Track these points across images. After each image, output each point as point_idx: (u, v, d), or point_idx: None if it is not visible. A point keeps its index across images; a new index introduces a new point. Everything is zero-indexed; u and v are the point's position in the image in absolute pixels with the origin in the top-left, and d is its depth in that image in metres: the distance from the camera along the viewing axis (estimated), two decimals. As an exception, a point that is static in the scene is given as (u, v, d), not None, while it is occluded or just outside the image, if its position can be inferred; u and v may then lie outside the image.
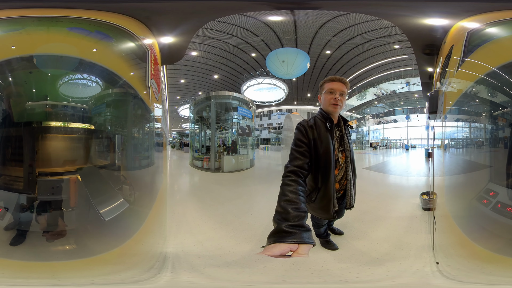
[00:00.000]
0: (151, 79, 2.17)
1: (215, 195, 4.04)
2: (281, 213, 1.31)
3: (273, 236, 1.23)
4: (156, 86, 2.29)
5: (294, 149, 1.67)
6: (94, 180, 1.80)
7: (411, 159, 7.07)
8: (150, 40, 2.30)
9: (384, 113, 6.98)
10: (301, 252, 1.15)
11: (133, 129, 2.19)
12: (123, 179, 1.97)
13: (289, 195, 1.38)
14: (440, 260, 1.91)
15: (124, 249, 1.86)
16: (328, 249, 2.18)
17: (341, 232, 2.49)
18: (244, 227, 2.71)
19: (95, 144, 1.90)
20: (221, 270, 1.92)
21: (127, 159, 2.07)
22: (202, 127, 6.66)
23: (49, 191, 1.67)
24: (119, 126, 2.02)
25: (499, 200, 1.67)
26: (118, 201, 1.84)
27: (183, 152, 7.63)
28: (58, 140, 1.77)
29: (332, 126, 1.83)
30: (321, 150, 1.75)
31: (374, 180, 5.45)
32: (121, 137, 1.97)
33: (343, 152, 1.92)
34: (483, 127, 1.90)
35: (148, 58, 2.19)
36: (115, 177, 1.94)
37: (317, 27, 5.36)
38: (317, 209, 1.87)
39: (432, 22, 2.33)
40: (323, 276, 1.81)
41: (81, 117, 1.82)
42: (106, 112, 1.94)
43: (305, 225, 1.26)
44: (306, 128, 1.75)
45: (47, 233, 1.67)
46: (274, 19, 4.76)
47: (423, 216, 2.96)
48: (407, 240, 2.33)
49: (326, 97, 1.86)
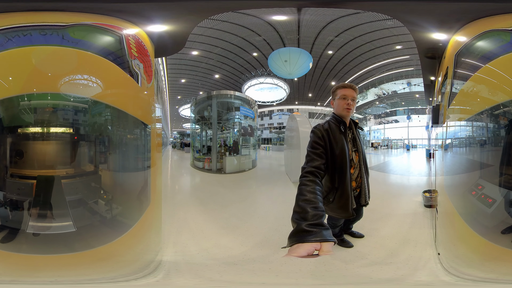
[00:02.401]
0: (133, 59, 1.97)
1: (218, 198, 4.00)
2: (299, 213, 1.31)
3: (294, 236, 1.21)
4: (144, 67, 2.09)
5: (311, 151, 1.75)
6: (48, 190, 1.71)
7: (412, 159, 7.10)
8: (134, 30, 2.14)
9: (385, 113, 7.00)
10: (326, 250, 1.14)
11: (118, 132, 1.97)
12: (102, 192, 1.83)
13: (307, 194, 1.40)
14: (441, 251, 2.10)
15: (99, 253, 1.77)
16: (344, 247, 2.30)
17: (361, 235, 2.51)
18: (252, 232, 2.68)
19: (74, 149, 1.77)
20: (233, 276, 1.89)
21: (112, 166, 1.90)
22: (203, 127, 6.60)
23: (15, 192, 1.69)
24: (100, 129, 1.87)
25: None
26: (56, 222, 1.68)
27: (184, 153, 7.56)
28: (36, 144, 1.76)
29: (345, 129, 1.97)
30: (337, 151, 1.86)
31: (376, 180, 5.47)
32: (105, 141, 1.84)
33: (356, 152, 2.06)
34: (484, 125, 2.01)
35: (124, 41, 1.95)
36: (92, 188, 1.79)
37: (320, 27, 5.33)
38: (336, 208, 1.94)
39: (435, 36, 2.42)
40: (342, 272, 1.89)
41: (61, 121, 1.74)
42: (85, 115, 1.81)
43: (325, 224, 1.26)
44: (321, 131, 1.85)
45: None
46: (277, 18, 4.71)
47: (425, 212, 3.11)
48: (412, 234, 2.51)
49: (339, 103, 1.99)
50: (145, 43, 2.29)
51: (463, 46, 2.12)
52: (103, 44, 1.92)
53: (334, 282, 1.85)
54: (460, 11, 2.14)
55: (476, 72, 1.88)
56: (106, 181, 1.86)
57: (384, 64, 6.50)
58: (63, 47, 1.76)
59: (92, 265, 1.74)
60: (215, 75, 6.58)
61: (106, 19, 2.08)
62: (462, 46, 2.13)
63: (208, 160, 6.01)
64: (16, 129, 1.71)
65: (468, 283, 1.78)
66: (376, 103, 7.01)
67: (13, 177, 1.69)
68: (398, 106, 6.94)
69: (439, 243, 2.25)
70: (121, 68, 1.87)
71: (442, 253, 2.09)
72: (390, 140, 7.27)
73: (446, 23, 2.25)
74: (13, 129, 1.71)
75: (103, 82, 1.79)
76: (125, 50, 1.98)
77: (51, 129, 1.72)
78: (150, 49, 2.34)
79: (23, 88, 1.64)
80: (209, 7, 2.38)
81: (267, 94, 7.32)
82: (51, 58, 1.74)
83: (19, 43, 1.72)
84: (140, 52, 2.14)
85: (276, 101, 7.54)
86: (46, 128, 1.71)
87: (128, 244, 1.88)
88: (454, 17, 2.16)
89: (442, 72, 2.59)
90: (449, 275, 1.85)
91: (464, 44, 2.12)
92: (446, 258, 1.99)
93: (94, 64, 1.80)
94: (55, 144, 1.75)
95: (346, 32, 5.52)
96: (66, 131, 1.74)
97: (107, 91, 1.79)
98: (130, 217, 1.92)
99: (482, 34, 2.00)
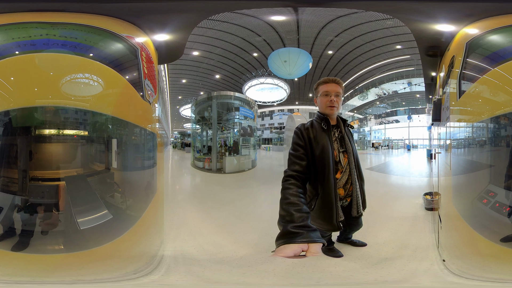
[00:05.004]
0: (145, 79, 2.09)
1: (217, 197, 4.03)
2: (284, 216, 1.31)
3: (281, 238, 1.22)
4: (152, 87, 2.22)
5: (292, 153, 1.65)
6: (78, 188, 1.80)
7: (412, 160, 7.06)
8: (143, 38, 2.21)
9: (386, 113, 6.97)
10: (313, 251, 1.15)
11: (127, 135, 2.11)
12: (115, 187, 1.98)
13: (290, 198, 1.39)
14: (445, 257, 1.94)
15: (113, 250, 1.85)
16: (332, 256, 2.06)
17: (363, 244, 2.26)
18: (247, 230, 2.70)
19: (88, 151, 1.89)
20: (224, 272, 1.91)
21: (121, 165, 2.04)
22: (203, 127, 6.64)
23: (40, 195, 1.71)
24: (113, 133, 1.97)
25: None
26: (98, 213, 1.82)
27: (185, 153, 7.61)
28: (51, 146, 1.79)
29: (328, 126, 1.77)
30: (317, 151, 1.67)
31: (376, 181, 5.45)
32: (116, 143, 1.94)
33: (345, 153, 1.81)
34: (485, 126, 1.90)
35: (139, 57, 2.09)
36: (108, 184, 1.95)
37: (319, 27, 5.33)
38: (316, 218, 1.68)
39: (440, 27, 2.31)
40: (330, 279, 1.80)
41: (75, 123, 1.81)
42: (99, 119, 1.90)
43: (311, 225, 1.26)
44: (302, 131, 1.71)
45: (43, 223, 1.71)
46: (276, 18, 4.73)
47: (426, 215, 3.02)
48: (412, 239, 2.37)
49: (322, 100, 1.81)
50: (151, 53, 2.36)
51: (478, 35, 1.96)
52: (120, 58, 2.04)
53: (327, 283, 1.76)
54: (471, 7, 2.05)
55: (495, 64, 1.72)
56: (117, 178, 2.04)
57: (384, 64, 6.48)
58: (79, 56, 1.83)
59: (100, 263, 1.81)
60: (216, 75, 6.60)
61: (119, 23, 2.12)
62: (477, 35, 1.96)
63: (208, 160, 6.05)
64: (39, 135, 1.73)
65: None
66: (377, 103, 6.98)
67: (35, 181, 1.69)
68: (398, 106, 6.91)
69: (442, 249, 2.07)
70: (135, 89, 2.04)
71: (447, 260, 1.89)
72: (390, 140, 7.24)
73: (455, 16, 2.16)
74: (38, 137, 1.72)
75: (120, 101, 1.96)
76: (140, 69, 2.11)
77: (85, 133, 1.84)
78: (154, 59, 2.40)
79: (40, 96, 1.71)
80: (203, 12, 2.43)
81: (268, 94, 7.33)
82: (72, 68, 1.80)
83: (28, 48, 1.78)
84: (149, 68, 2.26)
85: (276, 101, 7.54)
86: (70, 131, 1.81)
87: (133, 239, 1.98)
88: (464, 12, 2.09)
89: (445, 65, 2.46)
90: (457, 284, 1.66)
91: (479, 33, 1.97)
92: (453, 264, 1.82)
93: (112, 82, 1.93)
94: (81, 146, 1.86)
95: (346, 32, 5.51)
96: (96, 136, 1.89)
97: (122, 108, 1.96)
98: (138, 210, 2.08)
99: (501, 28, 1.88)
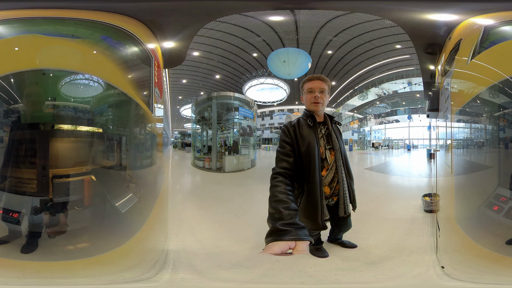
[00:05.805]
0: (155, 88, 2.21)
1: (216, 195, 4.07)
2: (273, 214, 1.35)
3: (270, 236, 1.27)
4: (159, 93, 2.33)
5: (279, 150, 1.69)
6: (106, 179, 1.96)
7: (412, 160, 7.04)
8: (154, 44, 2.31)
9: (386, 113, 6.96)
10: (300, 249, 1.19)
11: (136, 133, 2.29)
12: (129, 178, 2.14)
13: (278, 195, 1.42)
14: (445, 263, 1.88)
15: (128, 247, 1.92)
16: (317, 256, 2.03)
17: (353, 245, 2.22)
18: (244, 226, 2.73)
19: (103, 146, 2.01)
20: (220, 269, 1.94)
21: (132, 160, 2.24)
22: (203, 127, 6.69)
23: (65, 192, 1.72)
24: (123, 129, 2.12)
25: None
26: (128, 196, 2.03)
27: (185, 152, 7.68)
28: (68, 142, 1.84)
29: (314, 122, 1.79)
30: (303, 149, 1.69)
31: (375, 181, 5.44)
32: (125, 140, 2.07)
33: (332, 150, 1.82)
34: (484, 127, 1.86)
35: (153, 65, 2.22)
36: (122, 176, 2.13)
37: (318, 27, 5.36)
38: (302, 216, 1.63)
39: (437, 17, 2.28)
40: (307, 278, 1.80)
41: (89, 120, 1.88)
42: (110, 115, 2.02)
43: (299, 223, 1.30)
44: (288, 128, 1.74)
45: (49, 229, 1.72)
46: (275, 19, 4.78)
47: (425, 218, 2.97)
48: (407, 243, 2.32)
49: (306, 97, 1.84)
50: (160, 60, 2.44)
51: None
52: (136, 68, 2.21)
53: (303, 281, 1.76)
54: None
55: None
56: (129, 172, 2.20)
57: (384, 63, 6.48)
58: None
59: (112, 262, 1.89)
60: (216, 75, 6.66)
61: (132, 22, 2.19)
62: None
63: (208, 159, 6.11)
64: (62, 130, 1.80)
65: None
66: (377, 103, 6.98)
67: (59, 178, 1.72)
68: (398, 106, 6.90)
69: (441, 254, 2.03)
70: (145, 101, 2.21)
71: (447, 266, 1.83)
72: (391, 140, 7.22)
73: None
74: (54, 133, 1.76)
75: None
76: (152, 78, 2.22)
77: (100, 130, 1.95)
78: (161, 64, 2.49)
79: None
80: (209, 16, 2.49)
81: (268, 94, 7.37)
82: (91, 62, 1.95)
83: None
84: (159, 76, 2.37)
85: (276, 101, 7.57)
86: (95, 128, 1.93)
87: (145, 237, 2.10)
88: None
89: (445, 53, 2.41)
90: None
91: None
92: (454, 269, 1.78)
93: (127, 89, 2.10)
94: (103, 142, 1.99)
95: (345, 31, 5.53)
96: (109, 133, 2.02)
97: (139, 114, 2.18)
98: (148, 203, 2.24)
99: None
